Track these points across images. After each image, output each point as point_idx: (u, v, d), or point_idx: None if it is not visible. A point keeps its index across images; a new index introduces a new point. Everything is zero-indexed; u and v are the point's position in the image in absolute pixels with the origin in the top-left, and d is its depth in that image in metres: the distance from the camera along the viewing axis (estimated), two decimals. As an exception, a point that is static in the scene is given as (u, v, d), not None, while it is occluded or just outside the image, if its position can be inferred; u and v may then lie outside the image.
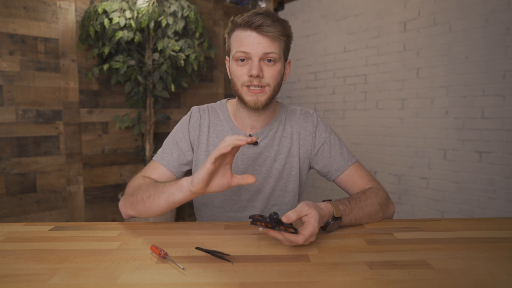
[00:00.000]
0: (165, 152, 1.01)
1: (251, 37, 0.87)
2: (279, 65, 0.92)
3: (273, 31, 0.86)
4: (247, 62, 0.90)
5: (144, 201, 0.84)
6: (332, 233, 0.82)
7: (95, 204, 2.67)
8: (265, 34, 0.87)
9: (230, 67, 0.95)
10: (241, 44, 0.88)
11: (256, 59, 0.88)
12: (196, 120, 1.03)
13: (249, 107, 0.93)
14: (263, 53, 0.88)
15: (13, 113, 2.28)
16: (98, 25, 2.29)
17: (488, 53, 2.14)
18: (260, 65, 0.89)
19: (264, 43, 0.87)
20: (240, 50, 0.88)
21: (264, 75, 0.90)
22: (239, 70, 0.91)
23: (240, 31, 0.90)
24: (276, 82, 0.92)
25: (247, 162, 1.00)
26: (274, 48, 0.88)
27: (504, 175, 2.11)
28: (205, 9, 3.14)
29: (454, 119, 2.32)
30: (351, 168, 1.01)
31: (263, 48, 0.87)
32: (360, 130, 2.89)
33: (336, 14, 3.02)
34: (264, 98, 0.92)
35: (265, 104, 0.93)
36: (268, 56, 0.89)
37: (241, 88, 0.92)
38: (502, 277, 0.60)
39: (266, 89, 0.91)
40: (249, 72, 0.88)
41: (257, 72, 0.87)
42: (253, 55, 0.88)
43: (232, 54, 0.92)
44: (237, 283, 0.58)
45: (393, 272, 0.61)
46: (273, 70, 0.90)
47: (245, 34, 0.88)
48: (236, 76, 0.92)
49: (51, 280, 0.59)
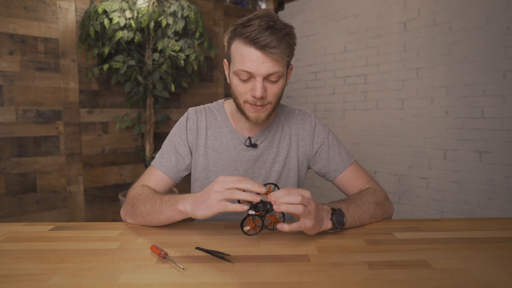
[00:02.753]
0: (163, 157, 1.00)
1: (254, 56, 0.82)
2: (282, 80, 0.89)
3: (278, 52, 0.82)
4: (249, 80, 0.86)
5: (144, 217, 0.86)
6: (332, 233, 0.82)
7: (95, 204, 2.67)
8: (270, 56, 0.82)
9: (231, 79, 0.91)
10: (244, 61, 0.83)
11: (260, 79, 0.84)
12: (193, 122, 1.01)
13: (250, 121, 0.92)
14: (267, 73, 0.84)
15: (13, 113, 2.28)
16: (98, 25, 2.29)
17: (488, 53, 2.14)
18: (263, 85, 0.85)
19: (268, 63, 0.83)
20: (243, 70, 0.84)
21: (267, 94, 0.87)
22: (242, 87, 0.87)
23: (242, 45, 0.84)
24: (278, 97, 0.90)
25: (247, 165, 1.00)
26: (278, 67, 0.84)
27: (504, 175, 2.11)
28: (205, 9, 3.14)
29: (454, 119, 2.32)
30: (349, 168, 1.01)
31: (267, 68, 0.83)
32: (360, 130, 2.89)
33: (336, 14, 3.02)
34: (265, 114, 0.90)
35: (266, 119, 0.92)
36: (272, 76, 0.85)
37: (244, 104, 0.90)
38: (502, 277, 0.60)
39: (267, 106, 0.90)
40: (253, 92, 0.85)
41: (261, 95, 0.84)
42: (257, 75, 0.84)
43: (233, 69, 0.87)
44: (237, 283, 0.58)
45: (393, 272, 0.61)
46: (276, 88, 0.88)
47: (249, 51, 0.82)
48: (238, 92, 0.89)
49: (51, 280, 0.59)
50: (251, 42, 0.82)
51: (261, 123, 0.92)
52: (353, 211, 0.85)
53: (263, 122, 0.92)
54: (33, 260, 0.67)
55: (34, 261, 0.67)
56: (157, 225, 0.86)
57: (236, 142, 1.00)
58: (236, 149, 0.99)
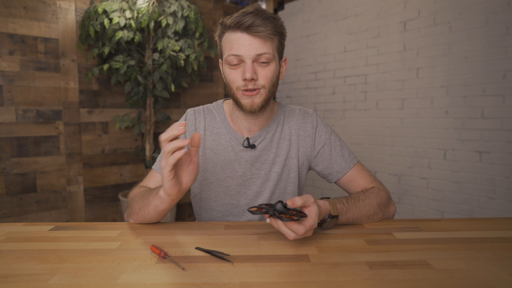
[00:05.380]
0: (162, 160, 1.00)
1: (241, 39, 0.84)
2: (274, 65, 0.88)
3: (264, 30, 0.83)
4: (240, 65, 0.87)
5: (137, 213, 0.87)
6: (332, 233, 0.82)
7: (95, 204, 2.67)
8: (256, 35, 0.83)
9: (224, 71, 0.92)
10: (232, 47, 0.85)
11: (249, 61, 0.85)
12: (192, 123, 1.01)
13: (246, 110, 0.91)
14: (255, 54, 0.84)
15: (13, 113, 2.28)
16: (98, 25, 2.29)
17: (488, 53, 2.14)
18: (253, 67, 0.85)
19: (256, 43, 0.84)
20: (232, 54, 0.85)
21: (259, 77, 0.87)
22: (233, 74, 0.88)
23: (230, 33, 0.86)
24: (271, 83, 0.89)
25: (245, 165, 0.99)
26: (267, 48, 0.85)
27: (504, 175, 2.11)
28: (205, 9, 3.14)
29: (454, 119, 2.32)
30: (352, 169, 1.00)
31: (255, 49, 0.84)
32: (360, 130, 2.89)
33: (336, 14, 3.02)
34: (260, 100, 0.89)
35: (262, 106, 0.90)
36: (261, 57, 0.85)
37: (237, 92, 0.89)
38: (502, 277, 0.60)
39: (261, 91, 0.88)
40: (243, 75, 0.85)
41: (251, 75, 0.84)
42: (246, 57, 0.85)
43: (224, 58, 0.89)
44: (237, 283, 0.58)
45: (393, 272, 0.61)
46: (268, 71, 0.87)
47: (236, 36, 0.85)
48: (230, 80, 0.89)
49: (51, 280, 0.59)
50: (236, 26, 0.84)
51: (256, 110, 0.90)
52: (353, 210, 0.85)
53: (258, 109, 0.90)
54: (33, 260, 0.67)
55: (34, 261, 0.67)
56: (149, 220, 0.86)
57: (234, 142, 0.99)
58: (235, 150, 0.99)
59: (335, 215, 0.81)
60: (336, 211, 0.81)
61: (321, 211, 0.77)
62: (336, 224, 0.85)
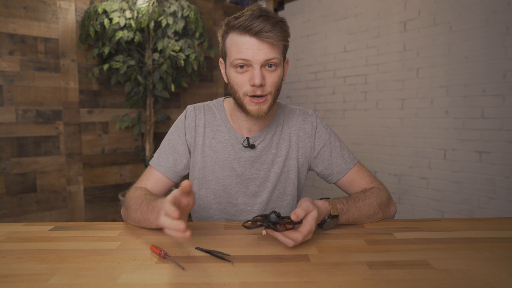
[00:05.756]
0: (161, 157, 0.99)
1: (250, 43, 0.82)
2: (280, 69, 0.88)
3: (273, 36, 0.82)
4: (247, 69, 0.85)
5: (137, 223, 0.87)
6: (332, 233, 0.82)
7: (95, 204, 2.67)
8: (266, 40, 0.82)
9: (228, 74, 0.90)
10: (240, 50, 0.83)
11: (258, 66, 0.83)
12: (192, 120, 0.99)
13: (252, 116, 0.90)
14: (264, 59, 0.83)
15: (13, 113, 2.28)
16: (98, 25, 2.29)
17: (488, 53, 2.14)
18: (262, 72, 0.84)
19: (265, 49, 0.83)
20: (240, 58, 0.83)
21: (266, 83, 0.86)
22: (240, 78, 0.86)
23: (237, 35, 0.84)
24: (277, 87, 0.89)
25: (244, 165, 0.99)
26: (275, 53, 0.84)
27: (504, 175, 2.11)
28: (205, 9, 3.14)
29: (454, 119, 2.32)
30: (352, 170, 1.00)
31: (264, 54, 0.83)
32: (360, 130, 2.89)
33: (336, 14, 3.02)
34: (267, 106, 0.89)
35: (267, 111, 0.90)
36: (270, 62, 0.84)
37: (243, 98, 0.88)
38: (502, 277, 0.60)
39: (268, 97, 0.88)
40: (251, 81, 0.84)
41: (260, 82, 0.83)
42: (254, 62, 0.83)
43: (230, 61, 0.87)
44: (237, 283, 0.58)
45: (393, 272, 0.61)
46: (275, 76, 0.87)
47: (244, 39, 0.83)
48: (236, 84, 0.88)
49: (51, 280, 0.59)
50: (245, 30, 0.82)
51: (263, 116, 0.90)
52: (353, 210, 0.85)
53: (265, 115, 0.90)
54: (33, 260, 0.67)
55: (34, 261, 0.67)
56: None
57: (234, 141, 0.98)
58: (234, 149, 0.98)
59: (335, 215, 0.81)
60: (336, 211, 0.81)
61: (320, 211, 0.77)
62: (336, 224, 0.85)
